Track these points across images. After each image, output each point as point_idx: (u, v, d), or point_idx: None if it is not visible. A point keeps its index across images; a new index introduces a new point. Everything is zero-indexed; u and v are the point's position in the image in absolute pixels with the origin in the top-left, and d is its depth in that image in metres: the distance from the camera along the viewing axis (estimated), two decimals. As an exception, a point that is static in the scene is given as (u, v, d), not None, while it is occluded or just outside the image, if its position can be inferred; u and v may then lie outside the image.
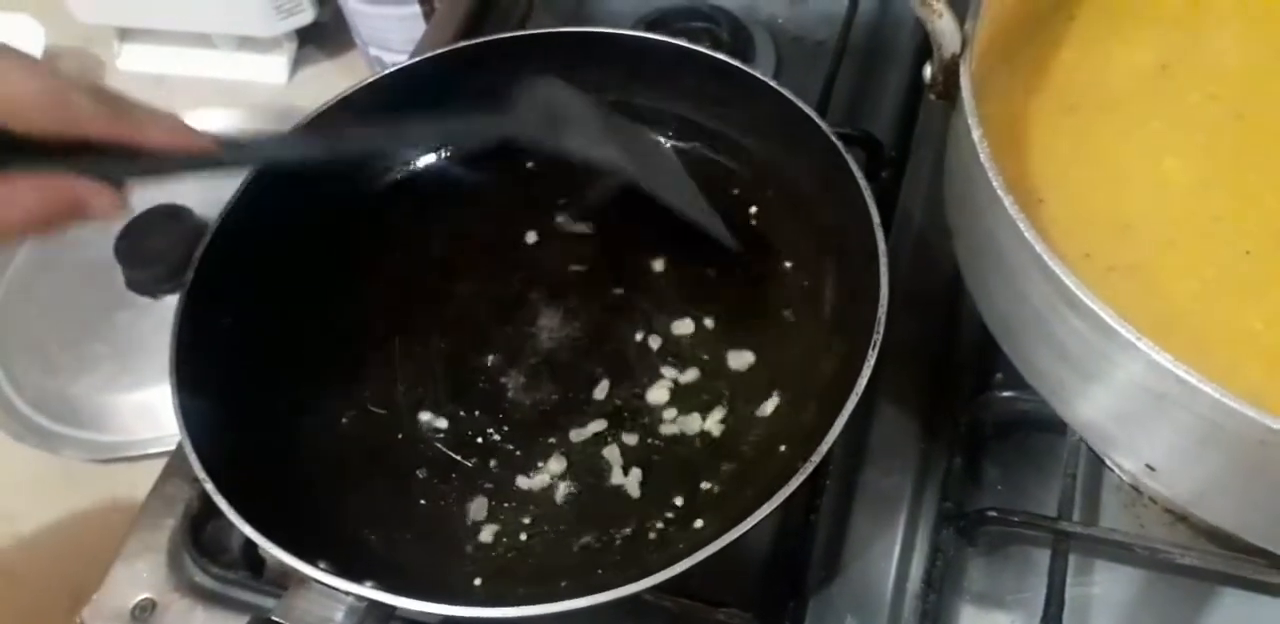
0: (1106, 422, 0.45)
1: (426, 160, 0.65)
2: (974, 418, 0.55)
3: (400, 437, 0.56)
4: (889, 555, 0.53)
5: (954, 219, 0.51)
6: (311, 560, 0.44)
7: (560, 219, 0.63)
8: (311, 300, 0.58)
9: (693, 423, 0.55)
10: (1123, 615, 0.52)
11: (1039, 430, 0.56)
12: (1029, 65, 0.54)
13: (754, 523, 0.44)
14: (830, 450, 0.46)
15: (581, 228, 0.62)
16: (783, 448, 0.53)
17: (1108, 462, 0.55)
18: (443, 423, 0.56)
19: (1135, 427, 0.43)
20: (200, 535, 0.55)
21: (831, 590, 0.53)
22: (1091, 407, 0.45)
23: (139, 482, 0.60)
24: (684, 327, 0.58)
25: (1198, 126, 0.51)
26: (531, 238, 0.63)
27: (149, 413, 0.76)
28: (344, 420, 0.56)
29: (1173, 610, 0.52)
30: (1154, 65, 0.53)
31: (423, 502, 0.54)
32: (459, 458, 0.55)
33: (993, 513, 0.51)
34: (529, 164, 0.63)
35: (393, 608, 0.44)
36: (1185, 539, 0.52)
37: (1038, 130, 0.52)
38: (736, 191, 0.62)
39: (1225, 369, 0.43)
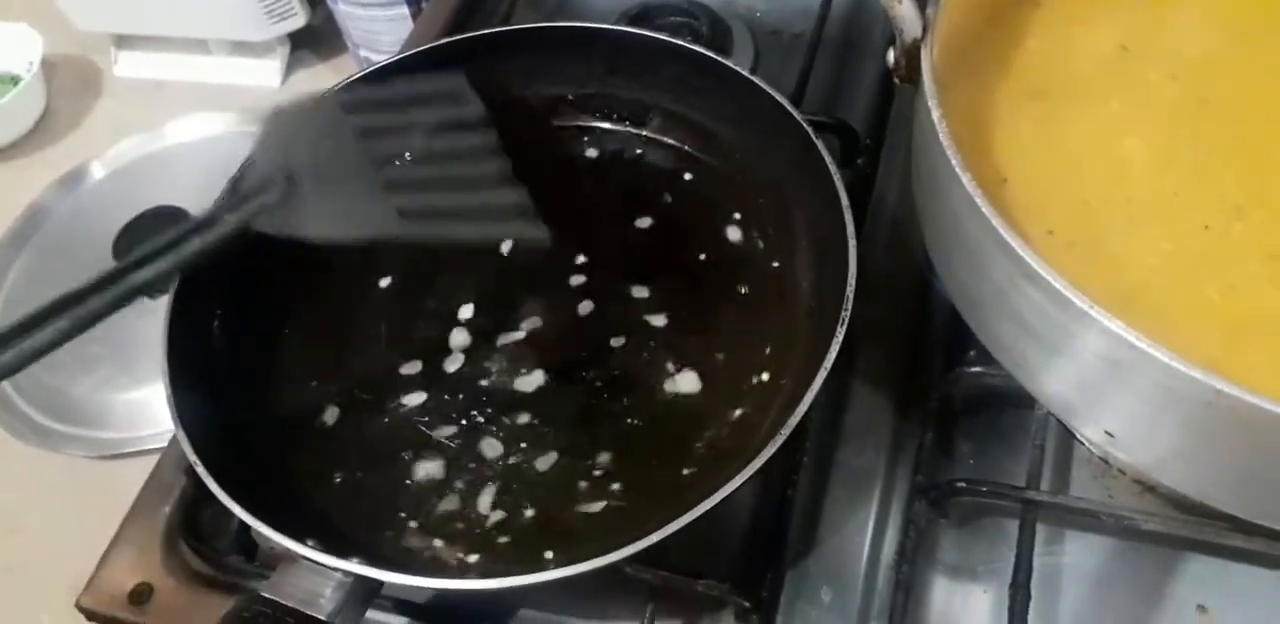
0: (1068, 391, 0.46)
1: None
2: (945, 394, 0.57)
3: (385, 420, 0.57)
4: (863, 529, 0.55)
5: (919, 199, 0.53)
6: (300, 539, 0.46)
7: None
8: (299, 294, 0.60)
9: (670, 401, 0.56)
10: (1093, 583, 0.53)
11: (1009, 405, 0.57)
12: (993, 50, 0.55)
13: (731, 490, 0.45)
14: (807, 428, 0.48)
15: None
16: (761, 424, 0.54)
17: (1076, 434, 0.57)
18: (427, 406, 0.58)
19: (1095, 395, 0.44)
20: (195, 521, 0.56)
21: (808, 563, 0.54)
22: (1053, 377, 0.46)
23: (138, 477, 0.61)
24: (659, 317, 0.59)
25: (1157, 106, 0.52)
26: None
27: (147, 411, 0.77)
28: (333, 405, 0.58)
29: (1141, 577, 0.53)
30: (1114, 47, 0.55)
31: (408, 482, 0.55)
32: (445, 441, 0.56)
33: (962, 484, 0.52)
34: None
35: (379, 583, 0.46)
36: (1153, 508, 0.54)
37: (1001, 113, 0.53)
38: (714, 180, 0.64)
39: (1184, 341, 0.44)
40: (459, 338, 0.60)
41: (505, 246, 0.63)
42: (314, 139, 0.53)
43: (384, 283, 0.63)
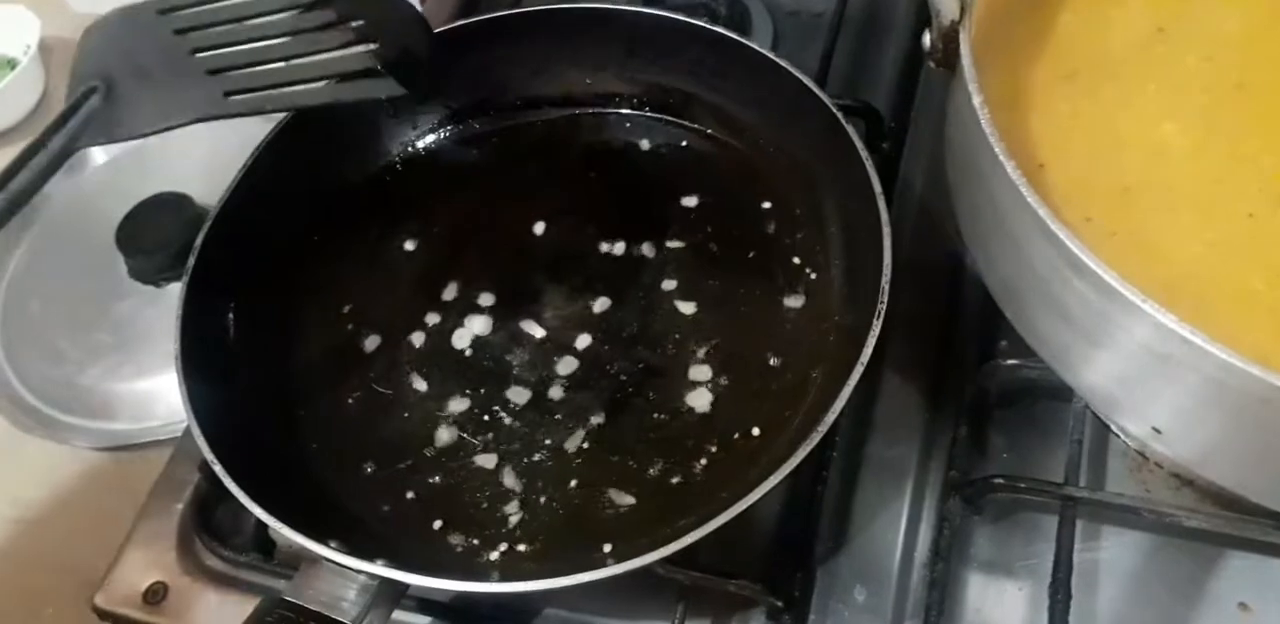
0: (1111, 385, 0.45)
1: (426, 141, 0.65)
2: (979, 387, 0.55)
3: (406, 415, 0.56)
4: (896, 525, 0.53)
5: (955, 186, 0.51)
6: (322, 540, 0.45)
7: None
8: (313, 283, 0.58)
9: (700, 397, 0.55)
10: (1131, 579, 0.52)
11: (1044, 398, 0.56)
12: (1028, 32, 0.53)
13: (763, 493, 0.44)
14: (837, 422, 0.46)
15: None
16: (791, 419, 0.53)
17: (1113, 427, 0.55)
18: (454, 402, 0.56)
19: (1140, 389, 0.43)
20: (209, 519, 0.55)
21: (839, 561, 0.53)
22: (1096, 371, 0.45)
23: (148, 468, 0.60)
24: (687, 304, 0.58)
25: (1195, 89, 0.51)
26: (539, 228, 0.62)
27: (155, 400, 0.76)
28: (350, 401, 0.56)
29: (1181, 574, 0.52)
30: (1150, 29, 0.53)
31: (432, 480, 0.54)
32: (466, 435, 0.55)
33: (999, 480, 0.51)
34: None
35: (405, 585, 0.45)
36: (1191, 503, 0.52)
37: (1037, 96, 0.51)
38: (738, 166, 0.62)
39: (1229, 331, 0.43)
40: (479, 325, 0.59)
41: (538, 227, 0.61)
42: (129, 43, 0.50)
43: (407, 253, 0.62)
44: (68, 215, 0.88)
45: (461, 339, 0.58)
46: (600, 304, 0.59)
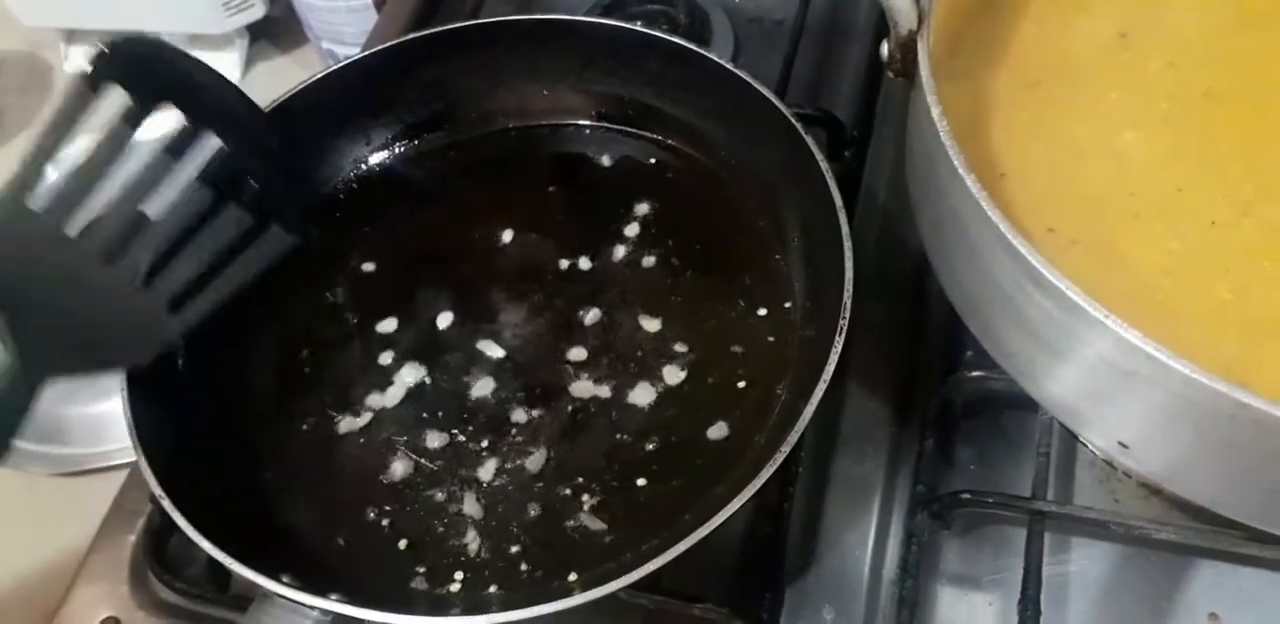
0: (1077, 400, 0.44)
1: (380, 157, 0.64)
2: (944, 399, 0.55)
3: (363, 441, 0.55)
4: (864, 542, 0.53)
5: (916, 198, 0.51)
6: (274, 575, 0.43)
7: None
8: (266, 307, 0.57)
9: (662, 416, 0.54)
10: (1101, 591, 0.52)
11: (1011, 408, 0.56)
12: (989, 39, 0.53)
13: (729, 514, 0.44)
14: (802, 437, 0.45)
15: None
16: (757, 437, 0.52)
17: (1080, 438, 0.55)
18: (411, 427, 0.55)
19: (1106, 404, 0.43)
20: (163, 550, 0.53)
21: (807, 580, 0.52)
22: (1061, 385, 0.44)
23: (102, 494, 0.58)
24: (651, 320, 0.57)
25: (1158, 96, 0.50)
26: (498, 244, 0.61)
27: (109, 424, 0.74)
28: (304, 428, 0.55)
29: (1151, 584, 0.52)
30: (1113, 34, 0.53)
31: (388, 509, 0.53)
32: (424, 461, 0.53)
33: (966, 495, 0.51)
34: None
35: (360, 621, 0.43)
36: (1160, 512, 0.52)
37: (999, 105, 0.51)
38: (700, 178, 0.61)
39: (1196, 343, 0.43)
40: (436, 346, 0.57)
41: (497, 244, 0.60)
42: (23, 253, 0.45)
43: (363, 274, 0.60)
44: (19, 233, 0.87)
45: (418, 362, 0.57)
46: (561, 319, 0.57)
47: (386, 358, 0.57)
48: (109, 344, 0.46)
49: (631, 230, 0.60)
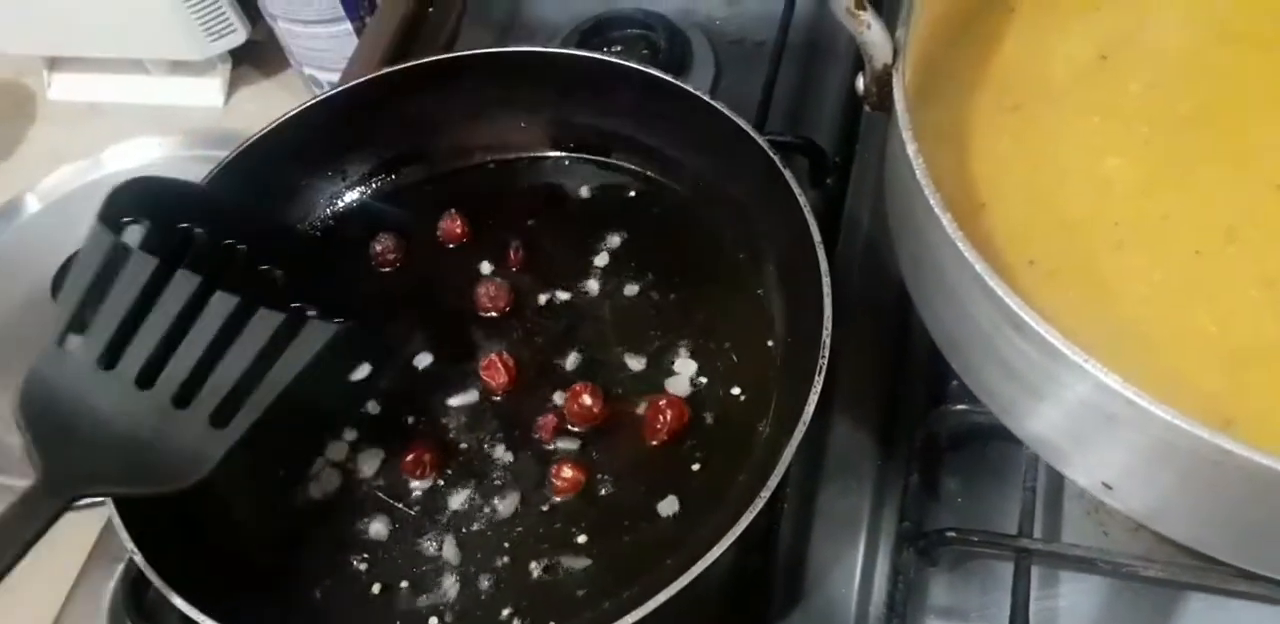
0: (1059, 440, 0.44)
1: (355, 192, 0.64)
2: (929, 431, 0.54)
3: (338, 488, 0.54)
4: (850, 580, 0.52)
5: (896, 233, 0.50)
6: (245, 628, 0.43)
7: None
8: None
9: (641, 447, 0.53)
10: (1091, 626, 0.51)
11: (996, 440, 0.55)
12: (968, 63, 0.52)
13: (712, 559, 0.43)
14: (788, 472, 0.45)
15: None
16: (738, 476, 0.51)
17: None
18: (387, 471, 0.54)
19: (1089, 446, 0.42)
20: (141, 598, 0.53)
21: (793, 620, 0.51)
22: (1043, 425, 0.44)
23: (89, 532, 0.58)
24: (634, 358, 0.56)
25: (1139, 119, 0.50)
26: (477, 280, 0.60)
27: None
28: (281, 473, 0.54)
29: (1141, 618, 0.51)
30: (1094, 56, 0.52)
31: (364, 555, 0.52)
32: (401, 505, 0.53)
33: (952, 533, 0.50)
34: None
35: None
36: (1150, 546, 0.51)
37: (979, 131, 0.50)
38: (679, 210, 0.61)
39: (1180, 376, 0.43)
40: (415, 387, 0.57)
41: (476, 279, 0.59)
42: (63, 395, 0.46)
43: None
44: (2, 264, 0.86)
45: (395, 404, 0.56)
46: (537, 361, 0.57)
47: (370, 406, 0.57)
48: (148, 467, 0.46)
49: (609, 263, 0.59)
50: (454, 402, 0.56)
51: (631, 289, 0.58)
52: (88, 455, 0.45)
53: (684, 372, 0.55)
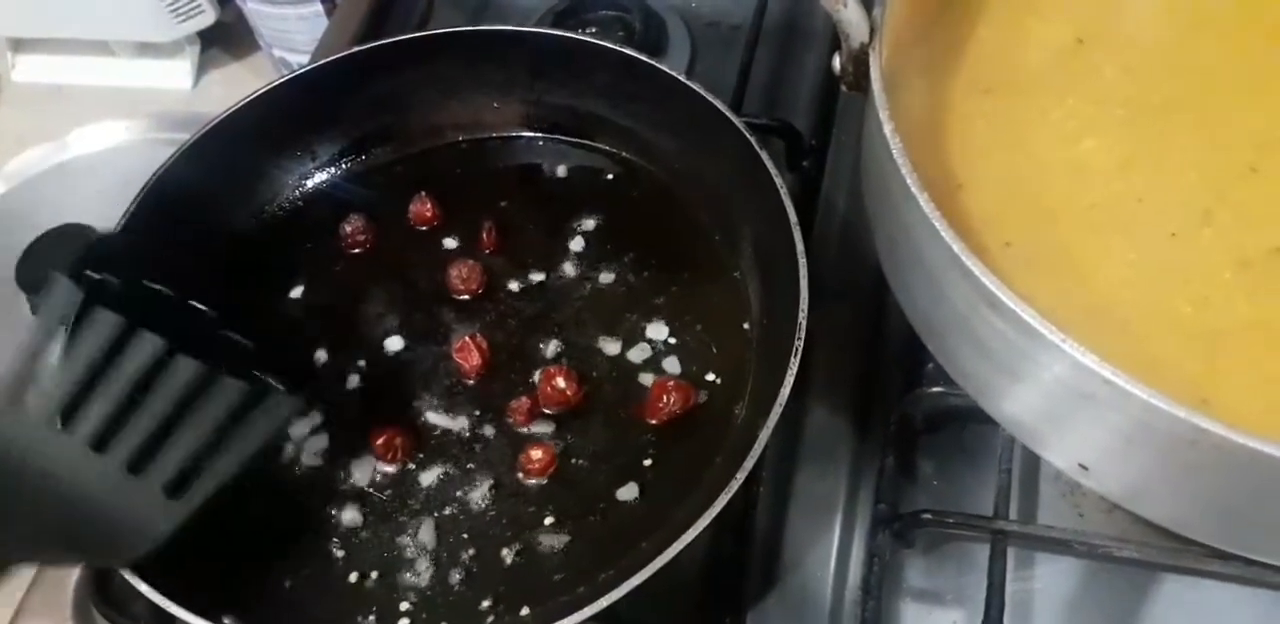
0: (1036, 421, 0.44)
1: (325, 173, 0.63)
2: (905, 414, 0.54)
3: (308, 473, 0.53)
4: (825, 563, 0.52)
5: (873, 214, 0.50)
6: (216, 618, 0.42)
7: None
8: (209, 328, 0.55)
9: (616, 427, 0.53)
10: (1066, 607, 0.52)
11: (972, 422, 0.55)
12: (944, 46, 0.52)
13: (687, 542, 0.43)
14: (763, 455, 0.44)
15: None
16: (715, 458, 0.51)
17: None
18: (359, 459, 0.53)
19: (1065, 426, 0.42)
20: (107, 586, 0.52)
21: (768, 603, 0.51)
22: (1019, 406, 0.44)
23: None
24: (610, 341, 0.56)
25: (1115, 102, 0.50)
26: (449, 261, 0.59)
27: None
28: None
29: (1115, 600, 0.51)
30: (1070, 40, 0.52)
31: (336, 541, 0.51)
32: (373, 490, 0.52)
33: (927, 515, 0.50)
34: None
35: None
36: (1124, 527, 0.51)
37: (957, 112, 0.50)
38: (654, 191, 0.60)
39: (1156, 358, 0.43)
40: (386, 367, 0.56)
41: (448, 261, 0.58)
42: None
43: (303, 299, 0.59)
44: (-38, 250, 0.85)
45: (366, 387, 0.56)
46: (510, 344, 0.56)
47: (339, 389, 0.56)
48: (98, 537, 0.44)
49: (584, 245, 0.59)
50: (426, 385, 0.55)
51: (607, 271, 0.58)
52: (31, 520, 0.43)
53: (659, 354, 0.55)
